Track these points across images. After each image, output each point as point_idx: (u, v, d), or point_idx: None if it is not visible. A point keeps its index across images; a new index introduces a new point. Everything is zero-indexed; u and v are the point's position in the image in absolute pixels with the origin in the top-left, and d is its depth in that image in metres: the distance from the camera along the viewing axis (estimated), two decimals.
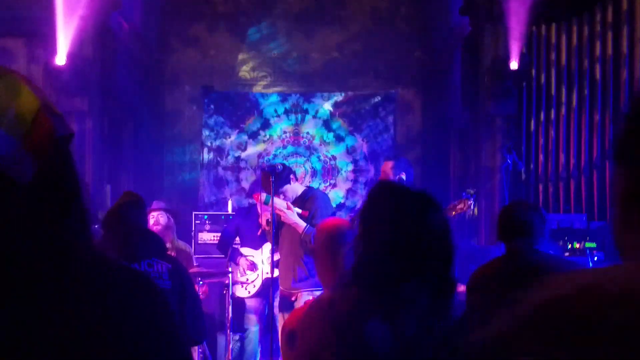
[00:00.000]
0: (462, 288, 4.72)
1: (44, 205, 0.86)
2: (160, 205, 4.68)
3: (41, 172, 0.84)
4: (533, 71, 6.21)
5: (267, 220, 4.42)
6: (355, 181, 7.50)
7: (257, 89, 7.88)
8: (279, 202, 4.03)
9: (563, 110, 6.01)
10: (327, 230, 2.48)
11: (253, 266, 4.75)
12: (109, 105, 6.72)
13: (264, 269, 4.70)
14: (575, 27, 5.94)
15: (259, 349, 4.80)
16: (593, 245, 5.06)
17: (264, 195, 4.14)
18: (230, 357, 4.50)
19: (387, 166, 4.57)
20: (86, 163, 6.22)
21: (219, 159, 7.48)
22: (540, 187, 6.11)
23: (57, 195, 0.87)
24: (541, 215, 2.95)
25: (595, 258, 4.51)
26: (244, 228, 4.88)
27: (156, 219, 4.54)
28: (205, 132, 7.50)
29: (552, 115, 6.09)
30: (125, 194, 2.94)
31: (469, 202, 4.21)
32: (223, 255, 5.07)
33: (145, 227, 2.79)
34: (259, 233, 4.44)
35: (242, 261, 4.75)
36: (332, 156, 7.53)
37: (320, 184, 7.40)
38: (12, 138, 0.81)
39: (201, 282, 4.41)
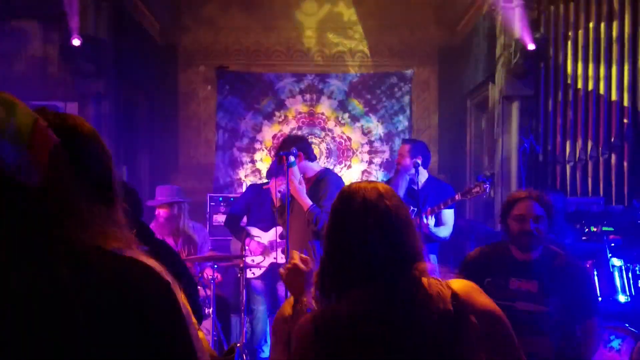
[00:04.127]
0: None
1: (52, 206, 0.97)
2: (162, 197, 4.69)
3: (46, 177, 0.96)
4: (551, 50, 6.10)
5: (281, 202, 4.35)
6: (370, 162, 7.46)
7: (272, 69, 7.84)
8: (296, 174, 3.96)
9: (581, 90, 5.91)
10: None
11: (263, 250, 4.72)
12: (124, 87, 6.73)
13: (273, 254, 4.69)
14: (593, 6, 5.81)
15: (269, 328, 4.83)
16: (610, 229, 5.00)
17: (291, 158, 3.99)
18: (244, 340, 4.55)
19: (404, 149, 4.56)
20: None
21: (234, 140, 7.48)
22: (558, 169, 6.03)
23: (60, 196, 0.98)
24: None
25: (613, 244, 4.45)
26: (255, 205, 4.82)
27: (157, 211, 4.65)
28: (220, 114, 7.49)
29: (570, 96, 5.99)
30: None
31: (485, 186, 4.19)
32: (231, 233, 4.99)
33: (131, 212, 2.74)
34: (274, 207, 4.25)
35: (252, 244, 4.73)
36: (348, 137, 7.49)
37: (335, 165, 7.38)
38: (17, 147, 0.94)
39: (216, 266, 4.44)
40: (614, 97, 5.62)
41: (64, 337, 0.89)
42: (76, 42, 5.82)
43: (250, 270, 4.72)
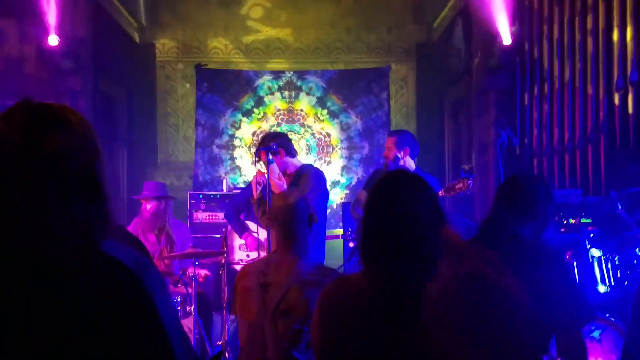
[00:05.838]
0: None
1: None
2: (150, 192, 4.69)
3: None
4: (526, 45, 6.17)
5: (260, 195, 4.33)
6: (349, 158, 7.49)
7: (251, 66, 7.83)
8: (275, 169, 4.02)
9: (557, 84, 5.99)
10: (278, 204, 2.84)
11: (258, 245, 4.72)
12: (102, 84, 6.68)
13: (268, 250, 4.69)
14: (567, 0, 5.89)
15: None
16: (588, 220, 5.04)
17: (270, 156, 4.04)
18: (226, 338, 4.52)
19: (391, 141, 4.55)
20: None
21: (213, 137, 7.46)
22: (535, 161, 6.11)
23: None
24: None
25: (591, 235, 4.50)
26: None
27: (144, 206, 4.61)
28: (199, 111, 7.46)
29: (546, 89, 6.07)
30: None
31: (468, 182, 4.17)
32: (230, 225, 4.97)
33: None
34: (252, 199, 4.27)
35: (249, 239, 4.73)
36: (327, 133, 7.52)
37: (315, 160, 7.40)
38: None
39: (197, 263, 4.43)
40: (589, 90, 5.70)
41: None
42: (54, 41, 5.76)
43: (241, 264, 4.72)
